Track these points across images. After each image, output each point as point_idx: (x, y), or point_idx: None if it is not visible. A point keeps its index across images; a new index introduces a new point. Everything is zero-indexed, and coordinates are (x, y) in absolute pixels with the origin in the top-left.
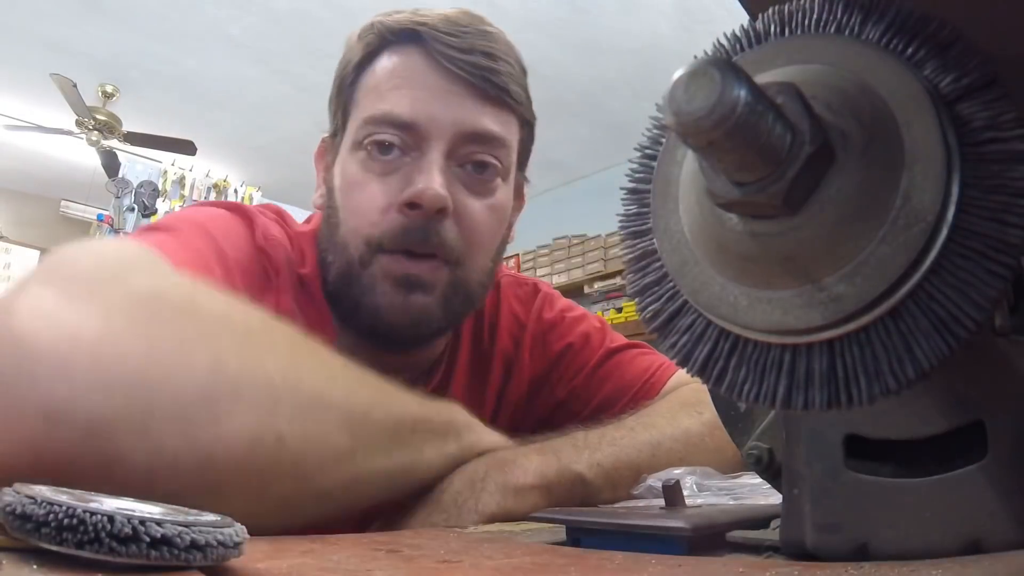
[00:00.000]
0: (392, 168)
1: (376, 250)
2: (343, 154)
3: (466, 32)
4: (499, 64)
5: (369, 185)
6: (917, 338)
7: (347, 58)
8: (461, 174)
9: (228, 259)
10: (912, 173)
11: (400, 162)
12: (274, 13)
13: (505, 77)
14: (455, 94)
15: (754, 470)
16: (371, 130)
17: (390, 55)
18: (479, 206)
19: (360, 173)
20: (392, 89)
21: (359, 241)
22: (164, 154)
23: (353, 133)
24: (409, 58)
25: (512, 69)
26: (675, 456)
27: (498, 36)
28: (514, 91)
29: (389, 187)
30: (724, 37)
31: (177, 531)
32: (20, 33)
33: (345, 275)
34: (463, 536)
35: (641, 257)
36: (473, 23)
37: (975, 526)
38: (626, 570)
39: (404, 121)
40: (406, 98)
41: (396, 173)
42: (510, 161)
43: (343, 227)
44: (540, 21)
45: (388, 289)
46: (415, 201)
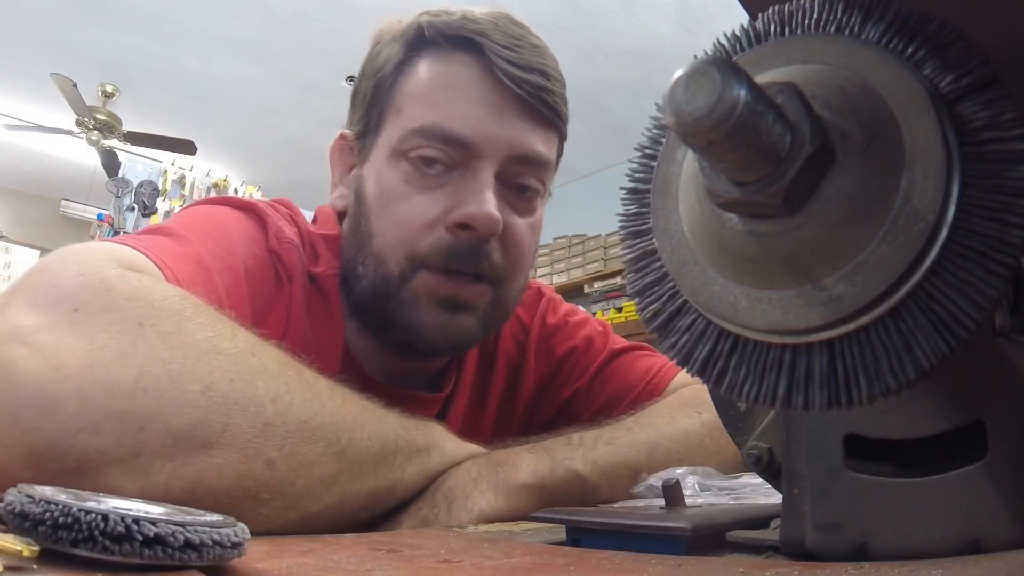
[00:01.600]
0: (438, 183)
1: (418, 266)
2: (378, 160)
3: (521, 47)
4: (552, 84)
5: (413, 198)
6: (917, 338)
7: (384, 55)
8: (507, 194)
9: (236, 268)
10: (912, 173)
11: (447, 177)
12: (274, 13)
13: (558, 98)
14: (510, 112)
15: (754, 470)
16: (419, 143)
17: (439, 60)
18: (523, 226)
19: (401, 185)
20: (445, 100)
21: (399, 256)
22: (164, 154)
23: (395, 141)
24: (463, 67)
25: (561, 88)
26: (674, 456)
27: (548, 51)
28: (563, 112)
29: (435, 202)
30: (724, 37)
31: (171, 530)
32: (20, 33)
33: (381, 289)
34: (463, 536)
35: (641, 257)
36: (524, 35)
37: (975, 526)
38: (626, 570)
39: (459, 138)
40: (460, 113)
41: (442, 189)
42: (549, 182)
43: (380, 239)
44: (540, 21)
45: (432, 309)
46: (469, 223)
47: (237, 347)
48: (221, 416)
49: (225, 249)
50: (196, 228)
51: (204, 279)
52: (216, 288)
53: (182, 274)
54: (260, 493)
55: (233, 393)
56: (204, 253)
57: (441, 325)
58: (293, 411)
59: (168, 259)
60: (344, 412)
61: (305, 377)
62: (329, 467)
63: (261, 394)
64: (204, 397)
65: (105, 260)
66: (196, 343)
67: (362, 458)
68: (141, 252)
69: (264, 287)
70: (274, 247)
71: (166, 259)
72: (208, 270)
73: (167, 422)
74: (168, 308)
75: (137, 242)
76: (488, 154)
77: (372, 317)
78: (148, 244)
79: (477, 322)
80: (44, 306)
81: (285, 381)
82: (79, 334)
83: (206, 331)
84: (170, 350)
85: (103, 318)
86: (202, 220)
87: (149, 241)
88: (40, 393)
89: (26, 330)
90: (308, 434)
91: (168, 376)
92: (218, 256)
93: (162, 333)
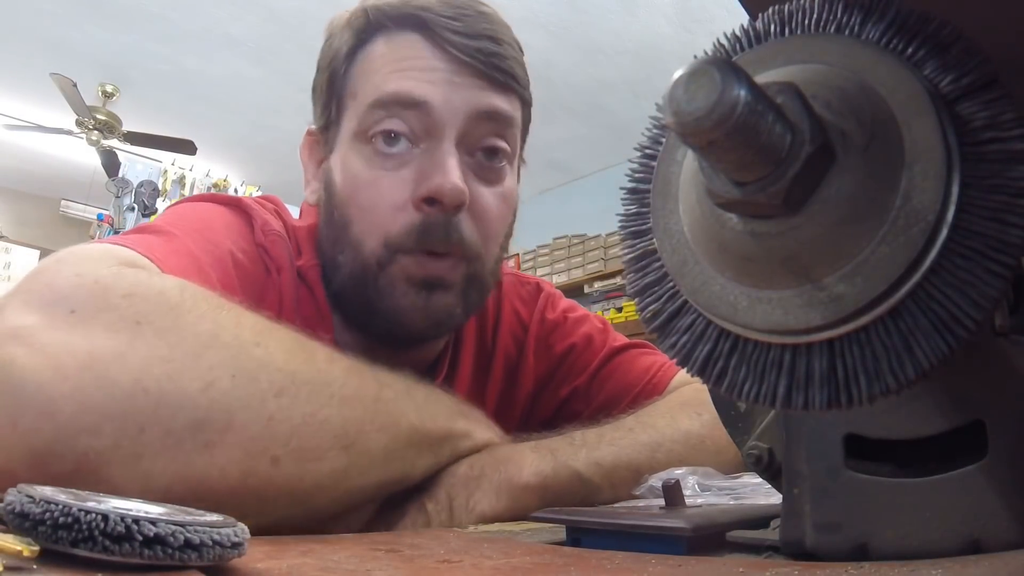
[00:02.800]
0: (402, 162)
1: (395, 251)
2: (343, 147)
3: (467, 15)
4: (503, 48)
5: (380, 181)
6: (917, 338)
7: (335, 46)
8: (471, 163)
9: (226, 261)
10: (912, 173)
11: (410, 155)
12: (274, 13)
13: (510, 61)
14: (463, 78)
15: (754, 470)
16: (377, 116)
17: (388, 40)
18: (491, 196)
19: (367, 169)
20: (396, 72)
21: (375, 242)
22: (164, 154)
23: (355, 123)
24: (411, 43)
25: (515, 52)
26: (675, 457)
27: (497, 17)
28: (519, 74)
29: (402, 182)
30: (724, 37)
31: (171, 530)
32: (20, 33)
33: (359, 278)
34: (463, 536)
35: (641, 257)
36: (470, 4)
37: (975, 526)
38: (626, 570)
39: (414, 100)
40: (413, 78)
41: (407, 167)
42: (516, 144)
43: (354, 227)
44: (540, 21)
45: (408, 291)
46: (434, 197)
47: (239, 338)
48: (223, 414)
49: (213, 243)
50: (183, 225)
51: (197, 270)
52: (210, 280)
53: (175, 267)
54: (266, 491)
55: (235, 390)
56: (193, 247)
57: (419, 307)
58: (298, 404)
59: (159, 254)
60: (354, 402)
61: (315, 363)
62: (337, 462)
63: (264, 388)
64: (205, 395)
65: (101, 260)
66: (196, 338)
67: (371, 451)
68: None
69: (254, 280)
70: (261, 240)
71: (156, 254)
72: (200, 262)
73: (168, 423)
74: (166, 303)
75: (127, 241)
76: (447, 117)
77: (352, 307)
78: (137, 242)
79: (455, 299)
80: (42, 307)
81: (291, 371)
82: (77, 334)
83: (206, 323)
84: (169, 348)
85: (100, 318)
86: (188, 217)
87: (138, 240)
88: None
89: (24, 331)
90: (314, 428)
91: (168, 375)
92: (207, 250)
93: (160, 330)
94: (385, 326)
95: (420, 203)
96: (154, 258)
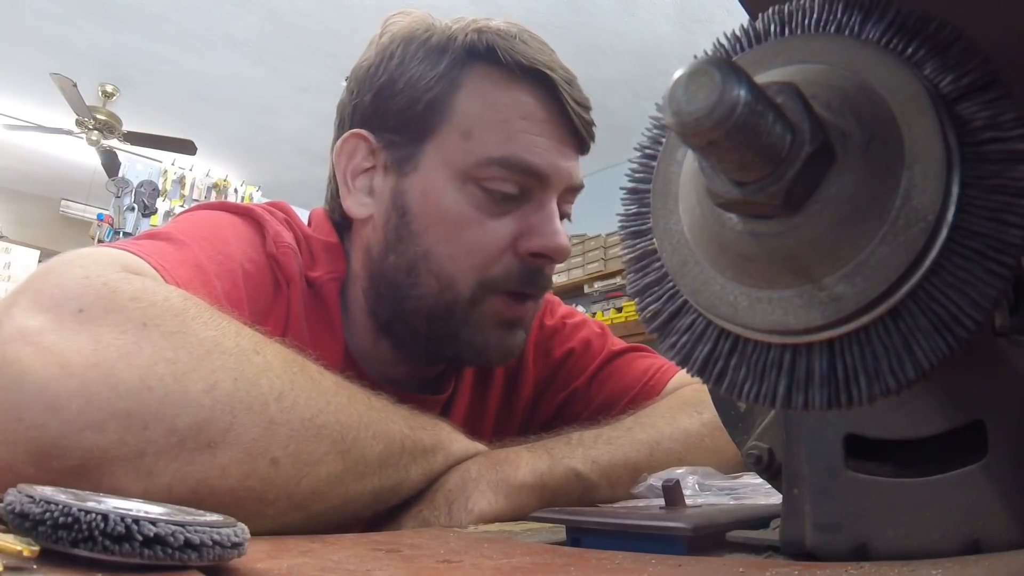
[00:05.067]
0: (506, 210)
1: (488, 290)
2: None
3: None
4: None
5: (486, 225)
6: (917, 338)
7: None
8: None
9: (235, 272)
10: (912, 173)
11: (515, 204)
12: (274, 13)
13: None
14: (569, 146)
15: (754, 470)
16: (498, 173)
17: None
18: None
19: (473, 211)
20: (522, 132)
21: (471, 280)
22: (164, 154)
23: (465, 165)
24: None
25: None
26: (674, 456)
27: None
28: None
29: (505, 229)
30: (724, 37)
31: (171, 530)
32: (20, 33)
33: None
34: (463, 536)
35: (641, 257)
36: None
37: (975, 526)
38: (626, 570)
39: (536, 171)
40: (538, 146)
41: (510, 215)
42: None
43: (447, 262)
44: (540, 22)
45: (496, 329)
46: (546, 254)
47: (240, 346)
48: (226, 415)
49: (223, 253)
50: (194, 233)
51: (203, 282)
52: (215, 291)
53: (181, 277)
54: (265, 493)
55: (237, 392)
56: (202, 257)
57: (502, 343)
58: (298, 409)
59: (166, 263)
60: (349, 410)
61: (310, 374)
62: (334, 466)
63: (265, 392)
64: (208, 396)
65: (109, 264)
66: (200, 342)
67: (367, 457)
68: (140, 257)
69: (262, 291)
70: (272, 252)
71: (164, 263)
72: (207, 273)
73: (171, 421)
74: (171, 308)
75: (135, 247)
76: (553, 184)
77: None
78: (146, 249)
79: (525, 333)
80: (49, 307)
81: (289, 379)
82: (84, 334)
83: (209, 330)
84: (174, 349)
85: (108, 319)
86: (200, 225)
87: (147, 246)
88: (45, 390)
89: (32, 330)
90: (313, 433)
91: (172, 375)
92: (216, 260)
93: (166, 333)
94: (462, 355)
95: (527, 255)
96: (162, 266)
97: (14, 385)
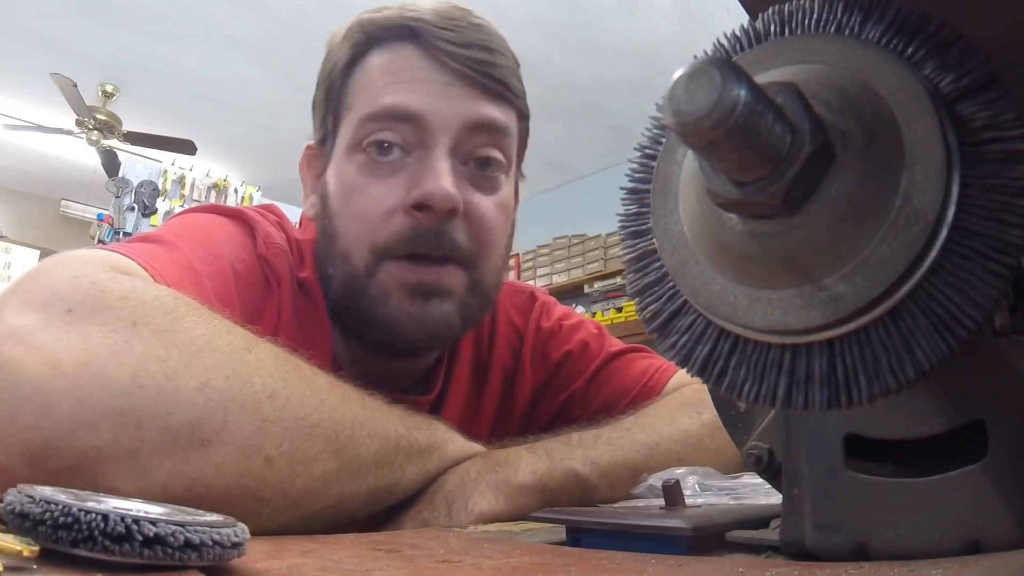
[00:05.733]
0: (394, 170)
1: (382, 257)
2: (337, 159)
3: (460, 26)
4: (496, 57)
5: (370, 188)
6: (917, 338)
7: (332, 60)
8: (465, 171)
9: (225, 273)
10: (912, 173)
11: (402, 163)
12: (274, 13)
13: (504, 71)
14: (456, 88)
15: (754, 470)
16: (370, 128)
17: (382, 52)
18: (487, 203)
19: (359, 177)
20: (389, 84)
21: (363, 250)
22: (164, 154)
23: (349, 135)
24: (404, 54)
25: (508, 62)
26: (673, 456)
27: (491, 29)
28: (513, 84)
29: (393, 189)
30: (724, 37)
31: (171, 530)
32: (20, 33)
33: (350, 287)
34: (463, 536)
35: (641, 257)
36: (464, 16)
37: (975, 526)
38: (626, 570)
39: (407, 113)
40: (406, 91)
41: (399, 175)
42: (511, 154)
43: (344, 236)
44: (540, 22)
45: (403, 299)
46: (424, 202)
47: (232, 344)
48: (219, 413)
49: (213, 254)
50: (184, 235)
51: (194, 282)
52: (206, 292)
53: (171, 278)
54: (260, 492)
55: (230, 390)
56: (192, 258)
57: (416, 315)
58: (291, 407)
59: (156, 263)
60: (343, 409)
61: (303, 373)
62: (328, 465)
63: (258, 390)
64: (201, 394)
65: (98, 264)
66: (191, 340)
67: (362, 456)
68: (129, 257)
69: (253, 292)
70: (262, 252)
71: (154, 263)
72: (197, 274)
73: (165, 419)
74: (161, 307)
75: (125, 248)
76: (440, 128)
77: (348, 318)
78: (136, 250)
79: (454, 308)
80: (39, 307)
81: (282, 377)
82: (74, 333)
83: (200, 329)
84: (165, 348)
85: (98, 317)
86: (190, 227)
87: (138, 248)
88: (37, 390)
89: (22, 330)
90: (307, 431)
91: (164, 373)
92: (206, 261)
93: (156, 331)
94: (380, 336)
95: (410, 209)
96: (152, 267)
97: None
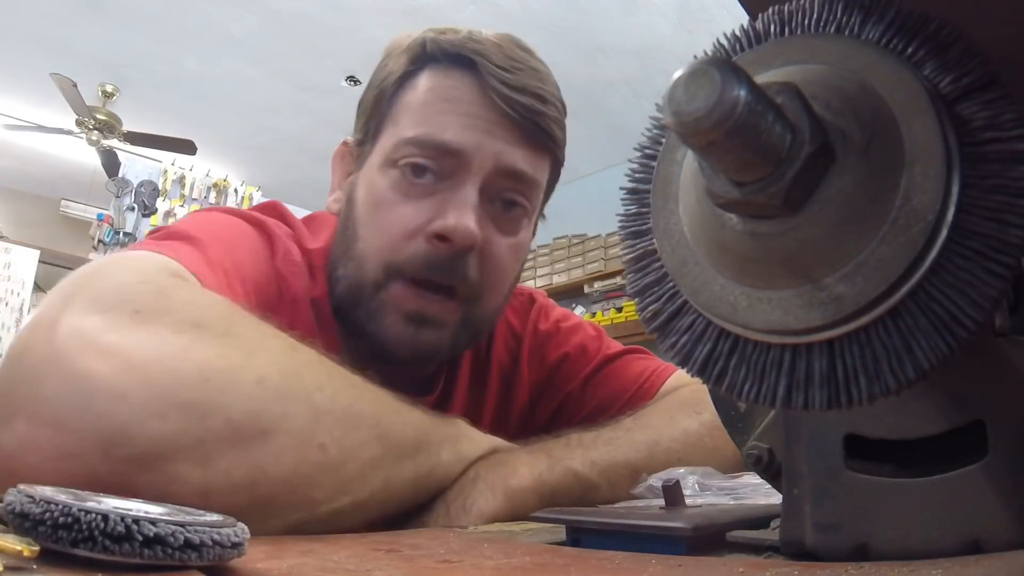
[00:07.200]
0: (424, 193)
1: (394, 275)
2: (372, 167)
3: (519, 67)
4: (547, 108)
5: (398, 207)
6: (917, 338)
7: (389, 68)
8: (490, 210)
9: (247, 281)
10: (912, 173)
11: (433, 188)
12: (274, 13)
13: (551, 121)
14: (501, 130)
15: (754, 470)
16: (411, 151)
17: (436, 74)
18: (504, 245)
19: (390, 192)
20: (438, 113)
21: (377, 263)
22: (164, 153)
23: (388, 150)
24: (458, 82)
25: (557, 113)
26: (673, 456)
27: (547, 76)
28: (556, 135)
29: (419, 212)
30: (724, 37)
31: (171, 530)
32: (20, 33)
33: (355, 293)
34: (463, 536)
35: (641, 257)
36: (525, 59)
37: (975, 526)
38: (626, 570)
39: (448, 147)
40: (453, 124)
41: (428, 199)
42: (537, 203)
43: (363, 244)
44: (540, 21)
45: (397, 321)
46: (447, 235)
47: (280, 344)
48: (278, 405)
49: (236, 261)
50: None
51: (228, 285)
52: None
53: (212, 283)
54: (315, 476)
55: (285, 384)
56: (226, 264)
57: (406, 339)
58: (338, 398)
59: (199, 268)
60: (379, 400)
61: (340, 369)
62: (374, 450)
63: (308, 384)
64: (260, 388)
65: (158, 269)
66: (247, 340)
67: (402, 442)
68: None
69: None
70: (280, 268)
71: (198, 268)
72: (230, 277)
73: (228, 411)
74: (219, 312)
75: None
76: (475, 165)
77: (347, 320)
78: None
79: (446, 338)
80: (107, 309)
81: (326, 372)
82: (143, 332)
83: (253, 332)
84: (225, 347)
85: (164, 319)
86: (219, 229)
87: (179, 249)
88: (109, 381)
89: (91, 331)
90: (353, 420)
91: (227, 369)
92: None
93: (217, 333)
94: (370, 347)
95: (432, 238)
96: (198, 272)
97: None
